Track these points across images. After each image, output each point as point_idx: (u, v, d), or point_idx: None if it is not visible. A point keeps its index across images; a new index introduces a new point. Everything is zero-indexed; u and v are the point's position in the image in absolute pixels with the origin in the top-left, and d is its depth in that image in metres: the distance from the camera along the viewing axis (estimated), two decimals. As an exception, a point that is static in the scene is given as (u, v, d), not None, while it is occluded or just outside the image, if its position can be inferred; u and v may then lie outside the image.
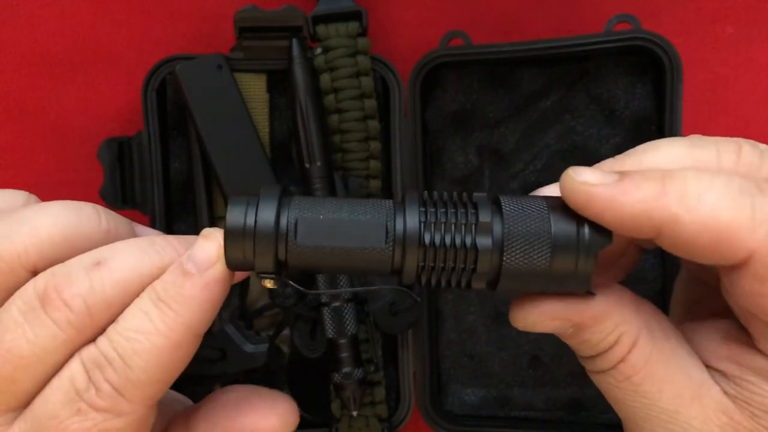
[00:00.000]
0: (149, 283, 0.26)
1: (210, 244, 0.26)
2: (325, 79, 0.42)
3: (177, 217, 0.45)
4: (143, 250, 0.27)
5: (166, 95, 0.44)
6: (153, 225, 0.43)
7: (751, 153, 0.26)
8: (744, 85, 0.46)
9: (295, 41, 0.41)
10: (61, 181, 0.47)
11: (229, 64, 0.42)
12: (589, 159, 0.44)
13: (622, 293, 0.27)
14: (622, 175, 0.25)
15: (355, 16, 0.42)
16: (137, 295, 0.26)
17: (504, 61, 0.43)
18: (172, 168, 0.44)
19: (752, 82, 0.46)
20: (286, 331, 0.44)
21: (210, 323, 0.27)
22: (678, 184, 0.24)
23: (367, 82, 0.42)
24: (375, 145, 0.43)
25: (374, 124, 0.43)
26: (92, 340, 0.26)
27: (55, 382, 0.26)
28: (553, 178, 0.44)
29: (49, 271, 0.26)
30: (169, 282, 0.26)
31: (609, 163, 0.28)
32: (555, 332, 0.27)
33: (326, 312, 0.41)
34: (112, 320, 0.26)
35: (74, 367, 0.25)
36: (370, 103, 0.42)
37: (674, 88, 0.41)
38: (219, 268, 0.26)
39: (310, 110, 0.41)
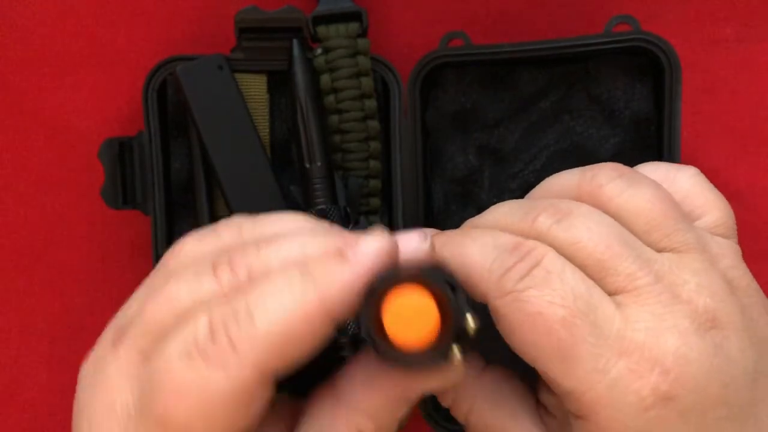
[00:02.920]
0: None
1: (375, 242, 0.26)
2: (325, 79, 0.42)
3: (177, 217, 0.45)
4: (314, 232, 0.28)
5: (167, 96, 0.44)
6: (154, 225, 0.43)
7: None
8: (744, 85, 0.47)
9: (295, 42, 0.41)
10: (61, 181, 0.47)
11: (230, 65, 0.42)
12: (589, 159, 0.44)
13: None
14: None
15: (355, 16, 0.42)
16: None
17: (504, 61, 0.44)
18: (172, 168, 0.44)
19: (752, 82, 0.46)
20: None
21: (344, 317, 0.26)
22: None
23: (367, 82, 0.42)
24: (375, 145, 0.43)
25: (374, 124, 0.43)
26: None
27: (182, 325, 0.26)
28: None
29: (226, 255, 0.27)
30: (323, 258, 0.26)
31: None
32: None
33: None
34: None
35: (203, 317, 0.25)
36: (370, 103, 0.43)
37: (673, 89, 0.41)
38: (371, 265, 0.26)
39: (310, 110, 0.41)
